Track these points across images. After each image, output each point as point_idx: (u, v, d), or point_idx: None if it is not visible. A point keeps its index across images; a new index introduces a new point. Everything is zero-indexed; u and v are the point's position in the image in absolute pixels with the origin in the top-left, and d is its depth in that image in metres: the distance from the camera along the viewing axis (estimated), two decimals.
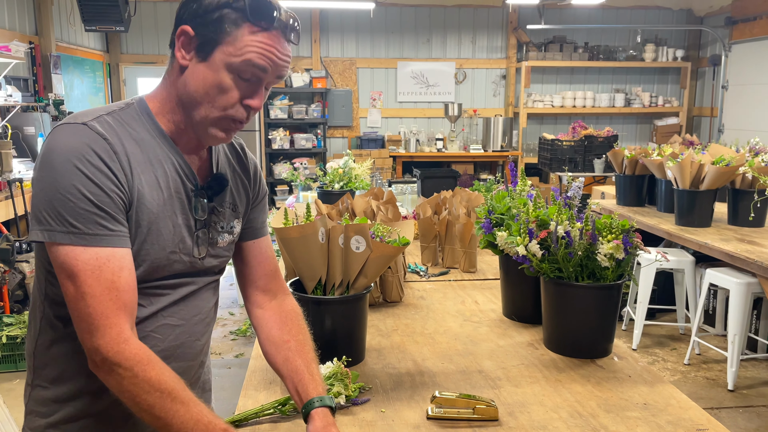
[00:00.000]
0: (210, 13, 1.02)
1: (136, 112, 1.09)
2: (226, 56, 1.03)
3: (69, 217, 0.97)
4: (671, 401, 1.41)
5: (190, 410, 1.00)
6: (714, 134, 8.50)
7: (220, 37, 1.02)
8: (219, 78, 1.04)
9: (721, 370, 3.76)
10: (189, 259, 1.14)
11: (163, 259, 1.09)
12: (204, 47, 1.03)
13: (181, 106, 1.08)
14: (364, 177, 3.91)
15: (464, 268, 2.44)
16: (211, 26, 1.02)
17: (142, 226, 1.05)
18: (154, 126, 1.09)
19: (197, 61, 1.04)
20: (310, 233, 1.51)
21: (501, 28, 8.94)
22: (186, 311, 1.16)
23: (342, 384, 1.37)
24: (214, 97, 1.04)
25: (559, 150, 6.69)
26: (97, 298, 0.98)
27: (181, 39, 1.04)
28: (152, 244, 1.07)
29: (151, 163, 1.07)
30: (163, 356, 1.10)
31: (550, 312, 1.68)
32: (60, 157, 0.98)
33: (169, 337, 1.14)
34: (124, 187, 1.02)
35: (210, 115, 1.06)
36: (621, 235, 1.59)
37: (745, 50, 7.98)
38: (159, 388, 0.99)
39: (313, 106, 8.58)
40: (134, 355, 0.99)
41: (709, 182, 3.61)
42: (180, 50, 1.05)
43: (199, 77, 1.04)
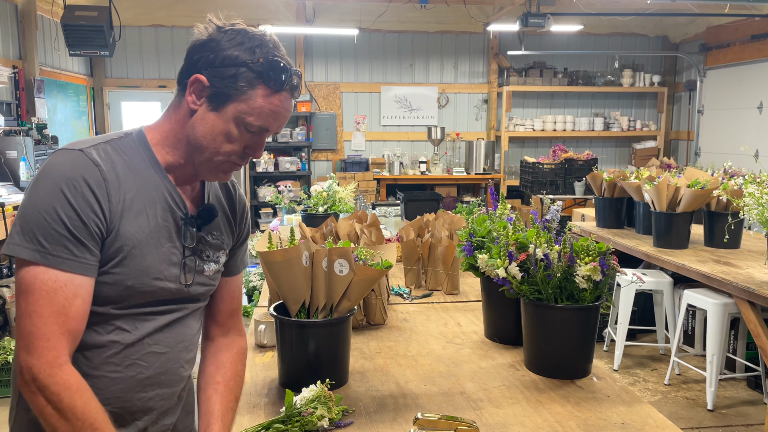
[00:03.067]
0: (226, 68, 1.08)
1: (133, 142, 1.13)
2: (237, 112, 1.09)
3: (39, 236, 1.01)
4: (648, 421, 1.44)
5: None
6: (691, 157, 8.69)
7: (235, 93, 1.09)
8: (228, 129, 1.10)
9: (700, 390, 3.80)
10: (176, 287, 1.16)
11: (146, 285, 1.11)
12: (217, 98, 1.09)
13: (186, 144, 1.14)
14: (348, 200, 3.94)
15: (447, 290, 2.47)
16: (226, 80, 1.08)
17: (123, 250, 1.07)
18: (150, 156, 1.13)
19: (208, 109, 1.10)
20: (294, 257, 1.53)
21: (482, 53, 9.10)
22: (171, 338, 1.18)
23: (325, 407, 1.38)
24: (220, 144, 1.11)
25: (540, 173, 6.79)
26: (43, 319, 1.00)
27: (194, 86, 1.10)
28: (133, 269, 1.09)
29: (141, 190, 1.11)
30: (148, 383, 1.14)
31: (530, 333, 1.71)
32: (49, 180, 1.03)
33: (155, 365, 1.16)
34: (105, 214, 1.05)
35: (213, 159, 1.13)
36: (598, 258, 1.64)
37: (719, 76, 8.21)
38: (81, 418, 1.00)
39: (298, 129, 8.63)
40: (64, 381, 1.01)
41: (685, 205, 3.70)
42: (191, 95, 1.11)
43: (209, 124, 1.11)
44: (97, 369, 1.11)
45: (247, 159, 1.15)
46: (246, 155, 1.15)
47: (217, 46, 1.10)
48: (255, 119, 1.10)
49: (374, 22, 8.42)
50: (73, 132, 7.53)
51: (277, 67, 1.09)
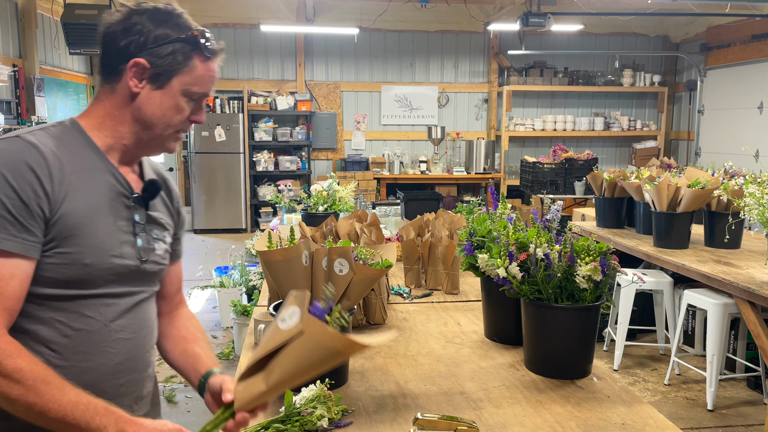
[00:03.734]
0: (162, 47, 1.15)
1: (68, 129, 1.18)
2: (182, 84, 1.18)
3: None
4: (649, 421, 1.44)
5: (66, 393, 1.03)
6: (691, 157, 8.69)
7: (177, 68, 1.17)
8: (176, 102, 1.19)
9: (700, 390, 3.80)
10: (133, 263, 1.20)
11: (104, 262, 1.14)
12: (159, 77, 1.17)
13: (131, 125, 1.19)
14: (348, 199, 3.93)
15: (447, 289, 2.46)
16: (166, 58, 1.16)
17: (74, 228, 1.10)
18: (87, 140, 1.18)
19: (152, 89, 1.17)
20: (294, 256, 1.53)
21: (483, 53, 9.10)
22: (135, 324, 1.22)
23: (325, 407, 1.38)
24: (171, 118, 1.20)
25: (541, 172, 6.79)
26: None
27: (133, 70, 1.16)
28: (87, 246, 1.12)
29: (83, 171, 1.14)
30: (118, 369, 1.18)
31: (530, 333, 1.71)
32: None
33: (123, 351, 1.19)
34: (48, 193, 1.07)
35: (165, 133, 1.21)
36: (598, 258, 1.63)
37: (719, 76, 8.20)
38: (30, 376, 1.01)
39: (298, 128, 8.63)
40: (3, 349, 1.02)
41: (686, 205, 3.69)
42: (132, 79, 1.16)
43: (156, 103, 1.18)
44: (68, 360, 1.13)
45: (190, 126, 1.24)
46: (190, 122, 1.23)
47: (143, 28, 1.15)
48: (198, 87, 1.19)
49: (374, 21, 8.41)
50: None
51: (205, 36, 1.19)
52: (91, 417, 1.02)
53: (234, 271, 4.83)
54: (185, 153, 8.79)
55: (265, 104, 8.53)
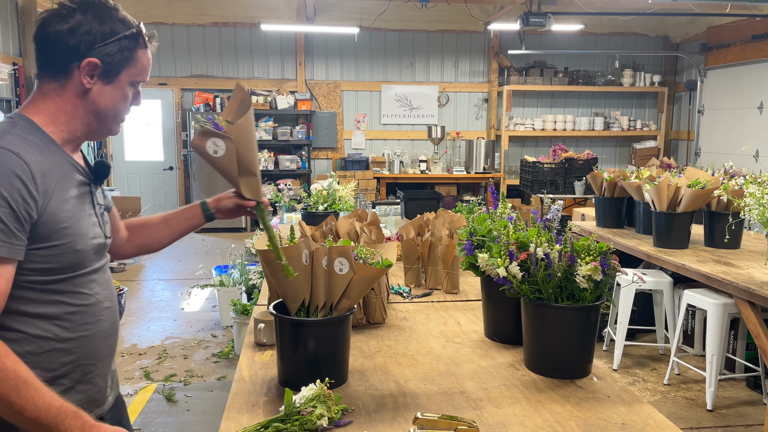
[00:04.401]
0: (110, 44, 1.24)
1: (26, 128, 1.24)
2: (130, 76, 1.30)
3: None
4: (649, 421, 1.44)
5: (43, 396, 1.11)
6: (691, 157, 8.69)
7: (126, 62, 1.28)
8: (124, 92, 1.30)
9: (700, 390, 3.80)
10: (102, 241, 1.35)
11: (87, 245, 1.28)
12: (109, 73, 1.27)
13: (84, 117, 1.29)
14: (348, 198, 3.93)
15: (447, 289, 2.46)
16: (114, 55, 1.25)
17: (64, 221, 1.22)
18: (46, 137, 1.25)
19: (102, 84, 1.27)
20: (294, 255, 1.53)
21: (483, 53, 9.10)
22: (110, 293, 1.38)
23: (325, 406, 1.38)
24: (120, 107, 1.31)
25: (541, 172, 6.79)
26: None
27: (87, 68, 1.24)
28: (76, 234, 1.24)
29: (56, 168, 1.24)
30: (108, 333, 1.35)
31: (530, 333, 1.71)
32: None
33: (109, 317, 1.37)
34: (34, 196, 1.16)
35: (116, 120, 1.33)
36: (599, 257, 1.63)
37: (719, 76, 8.20)
38: (15, 377, 1.09)
39: (298, 127, 8.63)
40: None
41: (686, 205, 3.69)
42: (85, 77, 1.25)
43: (107, 96, 1.28)
44: (74, 332, 1.28)
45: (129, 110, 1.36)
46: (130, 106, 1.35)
47: (90, 28, 1.22)
48: (143, 76, 1.32)
49: (375, 20, 8.41)
50: None
51: (142, 28, 1.30)
52: (61, 420, 1.11)
53: (234, 270, 4.83)
54: (185, 152, 8.78)
55: (265, 103, 8.53)
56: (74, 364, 1.28)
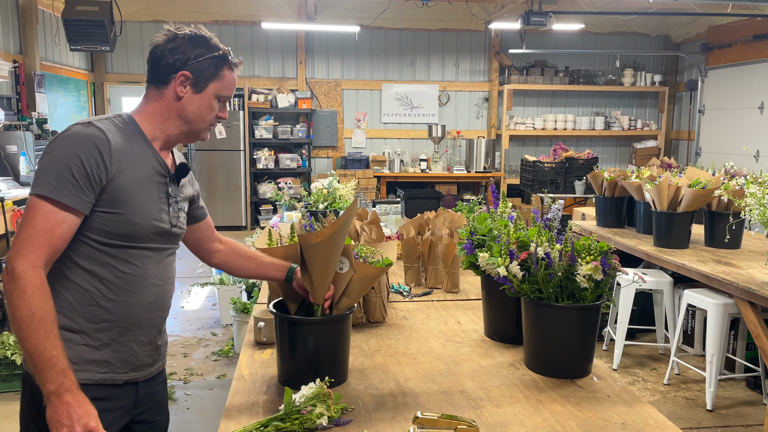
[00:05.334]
0: (202, 61, 1.50)
1: (126, 122, 1.50)
2: (216, 89, 1.53)
3: (52, 178, 1.34)
4: (649, 421, 1.44)
5: (48, 339, 1.29)
6: (692, 157, 8.68)
7: (213, 77, 1.52)
8: (210, 103, 1.54)
9: (699, 390, 3.80)
10: (167, 227, 1.53)
11: (148, 223, 1.46)
12: (198, 84, 1.51)
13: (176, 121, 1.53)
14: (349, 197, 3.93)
15: (447, 288, 2.46)
16: (204, 70, 1.51)
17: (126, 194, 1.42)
18: (138, 130, 1.50)
19: (192, 93, 1.51)
20: (294, 254, 1.53)
21: (484, 52, 9.09)
22: (164, 274, 1.55)
23: (324, 405, 1.38)
24: (206, 115, 1.54)
25: (541, 171, 6.79)
26: (36, 232, 1.32)
27: (180, 79, 1.50)
28: (136, 209, 1.44)
29: (135, 154, 1.46)
30: (152, 307, 1.51)
31: (530, 332, 1.71)
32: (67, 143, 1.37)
33: (155, 293, 1.52)
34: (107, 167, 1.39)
35: (201, 126, 1.56)
36: (599, 257, 1.63)
37: (720, 76, 8.19)
38: (34, 309, 1.28)
39: (298, 126, 8.62)
40: (31, 278, 1.30)
41: (686, 205, 3.69)
42: (179, 87, 1.50)
43: (196, 104, 1.53)
44: (117, 295, 1.45)
45: (218, 121, 1.58)
46: (218, 119, 1.57)
47: (186, 48, 1.49)
48: (226, 91, 1.54)
49: (376, 19, 8.40)
50: None
51: (229, 52, 1.54)
52: (47, 368, 1.27)
53: None
54: (185, 150, 8.78)
55: (265, 102, 8.52)
56: (112, 324, 1.45)
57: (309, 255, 1.51)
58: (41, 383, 1.27)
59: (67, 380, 1.28)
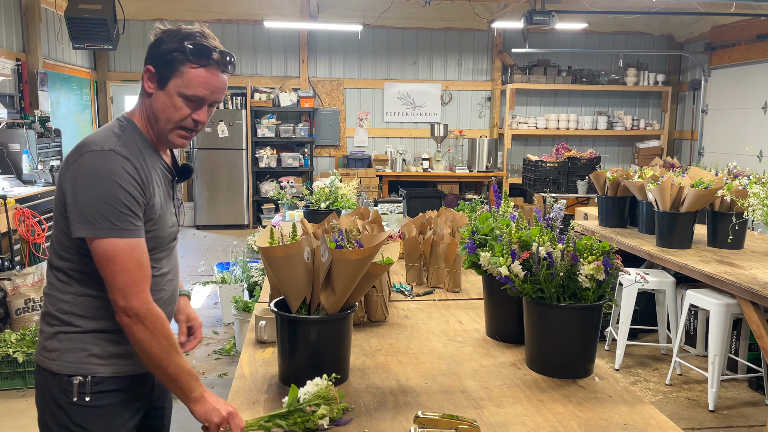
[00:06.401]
0: (165, 56, 1.44)
1: (131, 131, 1.49)
2: (176, 86, 1.45)
3: (112, 219, 1.38)
4: (651, 422, 1.43)
5: (182, 359, 1.42)
6: (695, 157, 8.66)
7: (172, 72, 1.44)
8: (173, 101, 1.46)
9: (702, 390, 3.79)
10: (176, 229, 1.60)
11: (166, 233, 1.54)
12: (162, 80, 1.45)
13: (152, 121, 1.49)
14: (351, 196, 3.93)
15: (448, 287, 2.46)
16: (166, 65, 1.44)
17: (154, 217, 1.48)
18: (144, 140, 1.50)
19: (158, 90, 1.47)
20: (296, 252, 1.52)
21: (486, 51, 9.08)
22: (175, 269, 1.64)
23: (328, 406, 1.37)
24: (171, 114, 1.47)
25: (543, 171, 6.78)
26: (131, 273, 1.39)
27: (146, 74, 1.47)
28: (162, 226, 1.51)
29: (151, 168, 1.48)
30: (170, 300, 1.61)
31: (532, 332, 1.70)
32: (104, 178, 1.38)
33: (170, 288, 1.61)
34: (143, 192, 1.43)
35: (167, 127, 1.48)
36: (601, 257, 1.62)
37: (724, 75, 8.17)
38: (169, 338, 1.41)
39: (301, 125, 8.62)
40: (156, 312, 1.41)
41: (689, 205, 3.68)
42: (147, 82, 1.47)
43: (160, 101, 1.47)
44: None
45: (197, 126, 1.49)
46: (195, 122, 1.48)
47: (160, 43, 1.45)
48: (189, 90, 1.44)
49: (378, 18, 8.40)
50: (77, 125, 7.52)
51: (199, 47, 1.44)
52: (189, 380, 1.41)
53: (236, 267, 4.83)
54: (188, 149, 8.78)
55: (268, 101, 8.52)
56: None
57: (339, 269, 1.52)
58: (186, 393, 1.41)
59: (200, 384, 1.42)
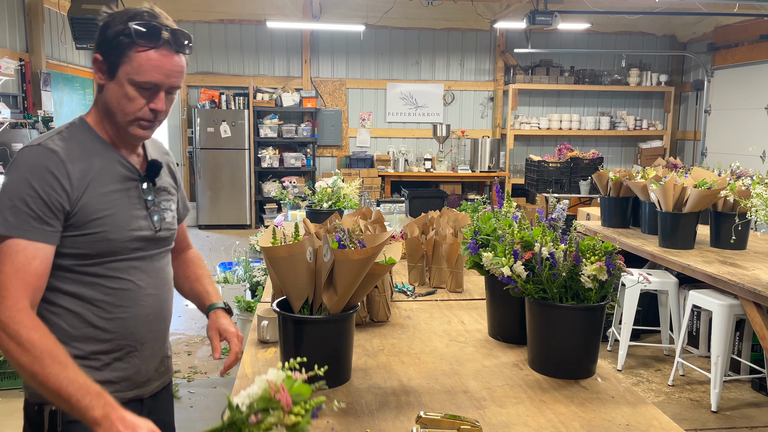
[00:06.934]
0: (110, 42, 1.30)
1: (78, 128, 1.37)
2: (126, 74, 1.30)
3: (6, 214, 1.24)
4: (653, 422, 1.43)
5: (67, 370, 1.17)
6: (697, 157, 8.65)
7: (120, 59, 1.30)
8: (125, 91, 1.32)
9: (704, 391, 3.78)
10: (150, 233, 1.42)
11: (125, 236, 1.36)
12: (111, 68, 1.31)
13: (108, 116, 1.36)
14: (353, 196, 3.93)
15: (451, 288, 2.46)
16: (113, 51, 1.30)
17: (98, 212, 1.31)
18: (95, 136, 1.37)
19: (108, 80, 1.33)
20: (298, 252, 1.52)
21: (489, 51, 9.07)
22: (159, 282, 1.45)
23: (277, 415, 0.95)
24: (125, 106, 1.33)
25: (546, 171, 6.77)
26: (6, 275, 1.22)
27: (95, 65, 1.33)
28: (111, 225, 1.33)
29: (98, 164, 1.34)
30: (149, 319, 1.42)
31: (534, 332, 1.70)
32: (16, 172, 1.26)
33: (151, 304, 1.43)
34: (67, 189, 1.27)
35: (125, 119, 1.34)
36: (604, 257, 1.62)
37: (726, 76, 8.16)
38: (39, 348, 1.18)
39: (303, 125, 8.62)
40: (21, 320, 1.20)
41: (692, 205, 3.67)
42: (96, 73, 1.33)
43: (112, 92, 1.33)
44: (111, 313, 1.36)
45: (156, 115, 1.35)
46: (154, 112, 1.35)
47: (106, 28, 1.32)
48: (140, 76, 1.30)
49: (381, 18, 8.40)
50: None
51: (146, 27, 1.29)
52: (82, 396, 1.15)
53: (238, 267, 4.83)
54: (191, 149, 8.80)
55: (270, 101, 8.53)
56: (112, 343, 1.37)
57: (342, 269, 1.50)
58: (83, 414, 1.13)
59: (106, 400, 1.14)
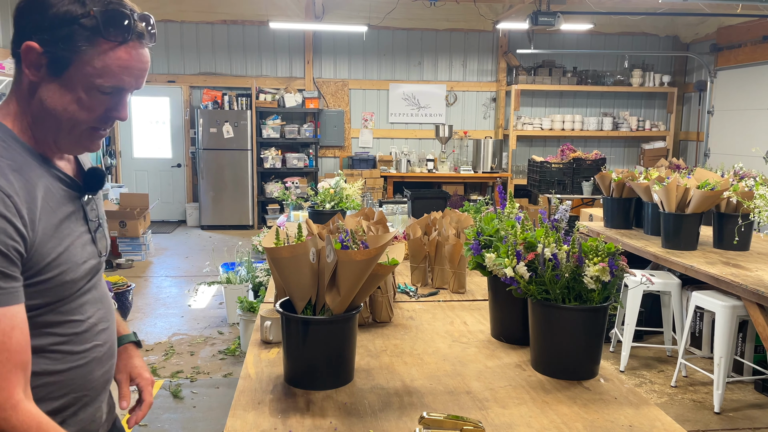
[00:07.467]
0: (58, 29, 0.97)
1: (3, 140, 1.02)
2: (83, 75, 0.99)
3: None
4: (656, 423, 1.43)
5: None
6: (700, 158, 8.63)
7: (74, 55, 0.98)
8: (78, 95, 1.01)
9: (707, 392, 3.78)
10: (96, 261, 1.16)
11: (79, 271, 1.09)
12: (56, 65, 0.99)
13: (40, 122, 1.03)
14: (355, 197, 3.93)
15: (453, 288, 2.46)
16: (61, 43, 0.97)
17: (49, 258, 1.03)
18: (23, 148, 1.04)
19: (50, 79, 1.00)
20: (301, 253, 1.53)
21: (491, 52, 9.07)
22: (104, 311, 1.20)
23: None
24: (75, 114, 1.01)
25: (548, 172, 6.77)
26: None
27: (27, 55, 0.99)
28: (67, 262, 1.06)
29: (37, 188, 1.02)
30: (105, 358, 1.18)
31: (537, 333, 1.70)
32: None
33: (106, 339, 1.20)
34: (21, 230, 0.97)
35: (73, 131, 1.04)
36: (607, 258, 1.62)
37: (730, 76, 8.14)
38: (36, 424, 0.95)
39: (306, 125, 8.63)
40: (21, 423, 0.94)
41: (695, 206, 3.67)
42: (28, 67, 1.00)
43: (56, 95, 1.01)
44: (66, 362, 1.10)
45: (111, 122, 1.07)
46: (109, 118, 1.06)
47: (43, 4, 0.97)
48: (105, 80, 1.00)
49: (383, 19, 8.41)
50: None
51: (115, 15, 0.98)
52: None
53: (241, 268, 4.84)
54: (193, 149, 8.82)
55: (273, 101, 8.54)
56: (69, 396, 1.12)
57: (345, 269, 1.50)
58: None
59: None
